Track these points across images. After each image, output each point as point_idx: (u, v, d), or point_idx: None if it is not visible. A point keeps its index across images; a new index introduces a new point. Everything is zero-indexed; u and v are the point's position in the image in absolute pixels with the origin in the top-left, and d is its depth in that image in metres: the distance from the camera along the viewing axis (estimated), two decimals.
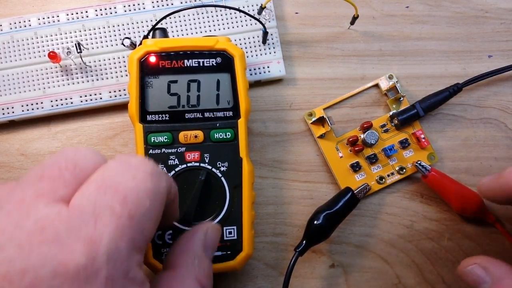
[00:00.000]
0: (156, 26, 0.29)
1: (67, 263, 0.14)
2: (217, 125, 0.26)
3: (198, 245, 0.21)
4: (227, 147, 0.26)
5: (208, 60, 0.26)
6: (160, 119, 0.26)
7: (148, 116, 0.26)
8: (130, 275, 0.16)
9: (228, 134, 0.26)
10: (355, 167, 0.31)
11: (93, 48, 0.31)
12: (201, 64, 0.26)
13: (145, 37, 0.28)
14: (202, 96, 0.26)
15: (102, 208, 0.15)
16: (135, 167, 0.17)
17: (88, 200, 0.16)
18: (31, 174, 0.17)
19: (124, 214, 0.16)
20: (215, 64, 0.26)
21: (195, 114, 0.26)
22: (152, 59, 0.26)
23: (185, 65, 0.26)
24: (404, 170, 0.31)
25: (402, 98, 0.32)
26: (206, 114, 0.26)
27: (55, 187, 0.16)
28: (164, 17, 0.29)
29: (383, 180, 0.31)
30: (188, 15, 0.32)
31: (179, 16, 0.31)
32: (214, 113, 0.26)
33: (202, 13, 0.32)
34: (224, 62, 0.27)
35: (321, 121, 0.31)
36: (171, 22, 0.31)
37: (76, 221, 0.15)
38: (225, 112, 0.26)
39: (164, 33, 0.28)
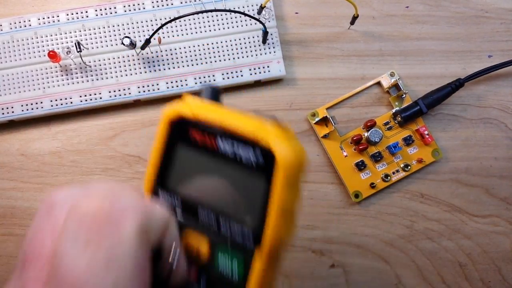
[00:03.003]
0: (212, 84, 0.25)
1: None
2: (228, 242, 0.18)
3: None
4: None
5: (245, 149, 0.17)
6: (171, 200, 0.19)
7: (160, 190, 0.19)
8: None
9: (234, 266, 0.18)
10: (360, 166, 0.31)
11: (93, 48, 0.31)
12: (236, 154, 0.18)
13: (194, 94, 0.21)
14: (224, 195, 0.18)
15: None
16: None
17: None
18: None
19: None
20: (253, 160, 0.17)
21: (209, 213, 0.18)
22: (183, 126, 0.19)
23: (218, 147, 0.18)
24: (409, 167, 0.31)
25: (404, 95, 0.32)
26: (221, 220, 0.18)
27: None
28: (165, 24, 0.28)
29: (389, 178, 0.31)
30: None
31: None
32: (231, 222, 0.18)
33: (202, 13, 0.32)
34: (264, 162, 0.17)
35: (324, 121, 0.31)
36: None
37: None
38: (243, 229, 0.18)
39: (215, 94, 0.20)
